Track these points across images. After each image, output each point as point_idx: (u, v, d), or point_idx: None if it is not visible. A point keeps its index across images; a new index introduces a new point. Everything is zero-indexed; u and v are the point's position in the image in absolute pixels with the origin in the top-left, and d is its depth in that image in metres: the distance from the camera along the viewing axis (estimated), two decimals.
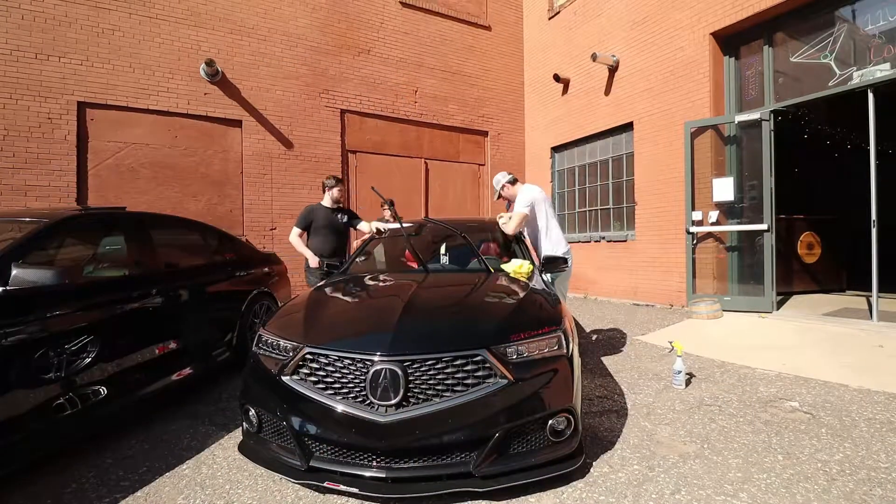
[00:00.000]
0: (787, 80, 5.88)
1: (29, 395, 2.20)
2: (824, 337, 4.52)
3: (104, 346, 2.58)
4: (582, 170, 8.87)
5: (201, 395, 3.46)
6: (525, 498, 2.02)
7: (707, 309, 5.65)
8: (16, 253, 2.32)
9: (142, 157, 6.47)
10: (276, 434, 2.17)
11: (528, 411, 2.03)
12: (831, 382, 3.46)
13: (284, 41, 7.43)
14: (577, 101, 8.62)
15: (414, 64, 8.62)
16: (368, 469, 1.96)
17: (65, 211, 2.96)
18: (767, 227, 5.60)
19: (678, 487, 2.09)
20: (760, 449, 2.45)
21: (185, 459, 2.46)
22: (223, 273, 4.04)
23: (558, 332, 2.25)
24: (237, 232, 6.76)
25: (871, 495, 2.00)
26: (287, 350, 2.20)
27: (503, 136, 9.70)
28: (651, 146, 7.17)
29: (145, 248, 3.25)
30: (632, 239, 7.57)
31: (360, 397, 1.99)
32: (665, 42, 6.88)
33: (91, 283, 2.84)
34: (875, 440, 2.52)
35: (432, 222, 4.02)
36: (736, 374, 3.77)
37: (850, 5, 5.28)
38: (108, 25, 6.26)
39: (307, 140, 7.60)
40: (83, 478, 2.28)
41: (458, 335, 2.17)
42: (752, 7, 5.76)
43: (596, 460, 2.36)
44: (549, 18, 9.33)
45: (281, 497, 2.07)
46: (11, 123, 5.71)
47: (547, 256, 3.57)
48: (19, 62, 5.76)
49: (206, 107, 6.84)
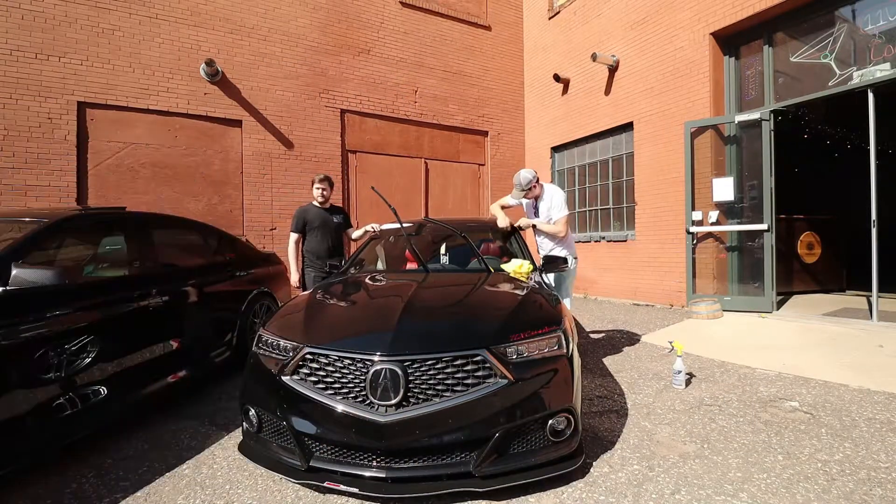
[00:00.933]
0: (787, 80, 5.88)
1: (29, 395, 2.20)
2: (824, 337, 4.52)
3: (104, 347, 2.58)
4: (582, 170, 8.87)
5: (201, 396, 3.46)
6: (525, 498, 2.02)
7: (707, 309, 5.65)
8: (16, 253, 2.32)
9: (142, 157, 6.47)
10: (276, 434, 2.17)
11: (528, 411, 2.03)
12: (831, 382, 3.46)
13: (284, 41, 7.43)
14: (577, 101, 8.62)
15: (414, 64, 8.62)
16: (368, 469, 1.96)
17: (65, 211, 2.96)
18: (767, 226, 5.60)
19: (678, 487, 2.09)
20: (760, 449, 2.45)
21: (185, 459, 2.46)
22: (223, 273, 4.03)
23: (558, 331, 2.25)
24: (237, 232, 6.77)
25: (871, 495, 2.00)
26: (287, 350, 2.20)
27: (503, 136, 9.70)
28: (651, 146, 7.17)
29: (145, 249, 3.25)
30: (632, 239, 7.58)
31: (360, 397, 1.99)
32: (665, 42, 6.88)
33: (91, 283, 2.84)
34: (875, 440, 2.52)
35: (432, 222, 4.02)
36: (736, 374, 3.77)
37: (850, 5, 5.28)
38: (108, 25, 6.26)
39: (307, 140, 7.60)
40: (83, 478, 2.28)
41: (458, 335, 2.17)
42: (752, 7, 5.76)
43: (596, 460, 2.36)
44: (549, 18, 9.33)
45: (281, 497, 2.07)
46: (11, 123, 5.71)
47: (547, 256, 3.57)
48: (19, 62, 5.76)
49: (206, 107, 6.84)
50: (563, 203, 3.89)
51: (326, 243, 4.35)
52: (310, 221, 4.33)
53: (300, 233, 4.36)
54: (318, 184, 4.38)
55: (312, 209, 4.39)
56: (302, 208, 4.43)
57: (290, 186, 7.43)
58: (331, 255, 4.33)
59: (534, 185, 3.87)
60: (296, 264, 4.34)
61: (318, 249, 4.32)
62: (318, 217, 4.35)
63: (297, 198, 7.28)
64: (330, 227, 4.40)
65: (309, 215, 4.35)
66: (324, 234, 4.35)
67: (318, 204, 4.43)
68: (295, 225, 4.35)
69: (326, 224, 4.38)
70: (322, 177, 4.43)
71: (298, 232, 4.35)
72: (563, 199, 3.91)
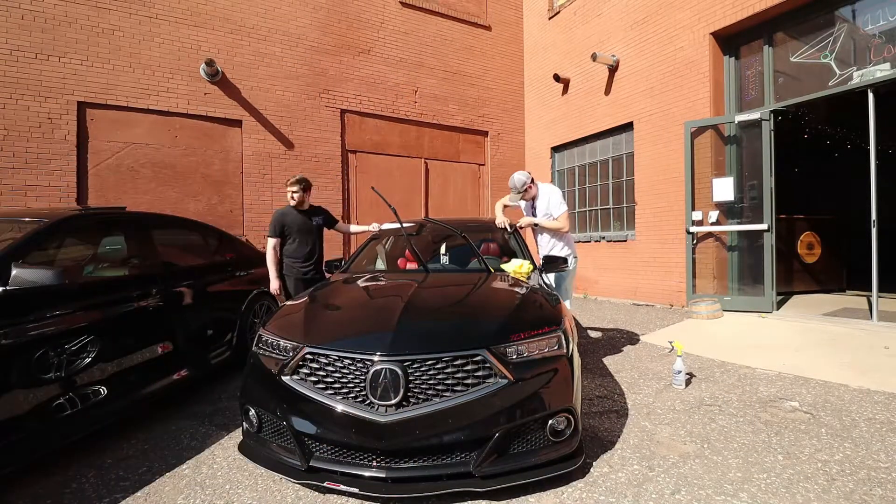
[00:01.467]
0: (787, 79, 5.88)
1: (29, 395, 2.20)
2: (824, 337, 4.52)
3: (104, 346, 2.58)
4: (582, 170, 8.87)
5: (201, 396, 3.46)
6: (525, 498, 2.02)
7: (707, 309, 5.65)
8: (16, 253, 2.32)
9: (142, 157, 6.47)
10: (276, 434, 2.17)
11: (528, 411, 2.03)
12: (831, 382, 3.46)
13: (284, 41, 7.43)
14: (577, 101, 8.62)
15: (414, 64, 8.61)
16: (368, 469, 1.96)
17: (65, 211, 2.96)
18: (767, 226, 5.60)
19: (678, 487, 2.09)
20: (760, 449, 2.45)
21: (185, 459, 2.46)
22: (223, 273, 4.03)
23: (558, 331, 2.25)
24: (237, 232, 6.77)
25: (871, 495, 2.00)
26: (287, 350, 2.20)
27: (503, 136, 9.70)
28: (651, 146, 7.17)
29: (145, 248, 3.25)
30: (632, 239, 7.57)
31: (360, 397, 1.99)
32: (665, 42, 6.88)
33: (91, 283, 2.84)
34: (875, 440, 2.52)
35: (432, 222, 4.02)
36: (736, 374, 3.77)
37: (850, 5, 5.27)
38: (108, 25, 6.26)
39: (307, 140, 7.59)
40: (83, 478, 2.28)
41: (457, 335, 2.17)
42: (752, 7, 5.76)
43: (596, 460, 2.36)
44: (549, 18, 9.33)
45: (281, 497, 2.07)
46: (11, 123, 5.70)
47: (547, 256, 3.58)
48: (19, 62, 5.76)
49: (206, 107, 6.84)
50: (561, 200, 3.95)
51: (306, 247, 4.12)
52: (288, 226, 4.07)
53: (278, 237, 4.07)
54: (290, 186, 4.07)
55: (291, 213, 4.12)
56: (280, 212, 4.14)
57: None
58: (310, 259, 4.12)
59: (529, 187, 3.89)
60: (275, 271, 4.07)
61: (297, 254, 4.09)
62: (296, 221, 4.09)
63: None
64: (310, 231, 4.16)
65: (287, 219, 4.08)
66: (303, 239, 4.11)
67: (294, 207, 4.14)
68: (272, 230, 4.06)
69: (305, 228, 4.13)
70: (294, 179, 4.12)
71: (276, 237, 4.06)
72: (560, 197, 3.98)
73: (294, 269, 4.09)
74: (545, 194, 3.98)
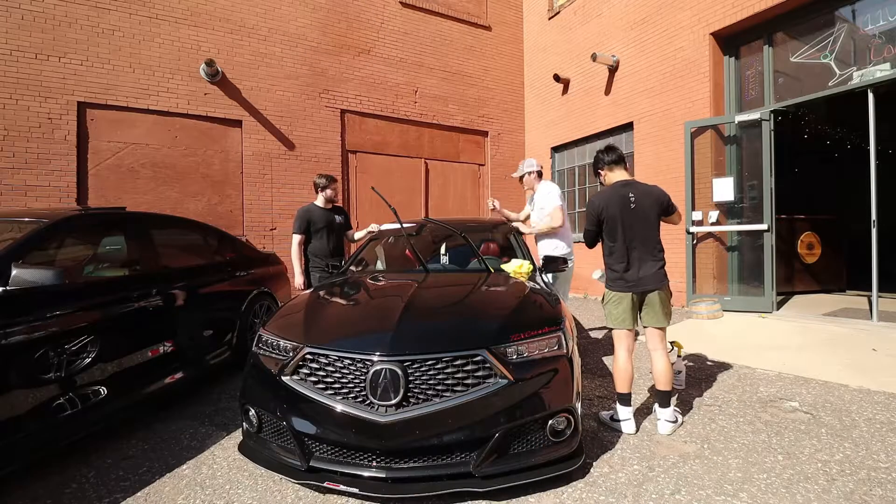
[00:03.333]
0: (787, 80, 5.88)
1: (29, 395, 2.20)
2: (824, 337, 4.52)
3: (104, 347, 2.58)
4: (582, 170, 8.86)
5: (201, 396, 3.46)
6: (525, 498, 2.02)
7: (707, 309, 5.65)
8: (16, 253, 2.32)
9: (142, 157, 6.47)
10: (276, 434, 2.17)
11: (528, 411, 2.03)
12: (831, 382, 3.46)
13: (284, 41, 7.43)
14: (577, 101, 8.62)
15: (414, 64, 8.61)
16: (368, 469, 1.96)
17: (65, 211, 2.96)
18: (767, 227, 5.59)
19: (678, 487, 2.09)
20: (760, 449, 2.45)
21: (185, 459, 2.46)
22: (223, 273, 4.03)
23: (558, 332, 2.25)
24: (237, 232, 6.77)
25: (871, 495, 2.00)
26: (287, 350, 2.20)
27: (503, 136, 9.70)
28: (651, 146, 7.16)
29: (145, 249, 3.25)
30: None
31: (360, 397, 1.99)
32: (665, 42, 6.87)
33: (91, 283, 2.84)
34: (875, 440, 2.52)
35: (432, 222, 4.02)
36: (736, 374, 3.77)
37: (850, 5, 5.27)
38: (108, 25, 6.25)
39: (307, 140, 7.59)
40: (83, 478, 2.28)
41: (457, 335, 2.18)
42: (752, 7, 5.76)
43: (596, 460, 2.36)
44: (549, 18, 9.33)
45: (281, 497, 2.07)
46: (11, 123, 5.70)
47: (547, 256, 3.58)
48: (19, 62, 5.76)
49: (206, 107, 6.83)
50: (557, 195, 4.04)
51: (331, 244, 4.31)
52: (314, 222, 4.25)
53: (303, 234, 4.25)
54: (330, 187, 4.33)
55: (316, 210, 4.32)
56: (305, 209, 4.33)
57: (290, 186, 7.42)
58: (333, 255, 4.30)
59: (531, 173, 4.16)
60: (300, 266, 4.23)
61: (322, 250, 4.27)
62: (322, 218, 4.28)
63: (297, 198, 7.28)
64: (334, 228, 4.36)
65: (313, 216, 4.27)
66: (328, 235, 4.30)
67: (320, 204, 4.36)
68: (298, 226, 4.24)
69: (331, 225, 4.33)
70: (328, 177, 4.38)
71: (302, 233, 4.24)
72: (557, 192, 4.07)
73: (320, 264, 4.19)
74: (543, 189, 4.13)
